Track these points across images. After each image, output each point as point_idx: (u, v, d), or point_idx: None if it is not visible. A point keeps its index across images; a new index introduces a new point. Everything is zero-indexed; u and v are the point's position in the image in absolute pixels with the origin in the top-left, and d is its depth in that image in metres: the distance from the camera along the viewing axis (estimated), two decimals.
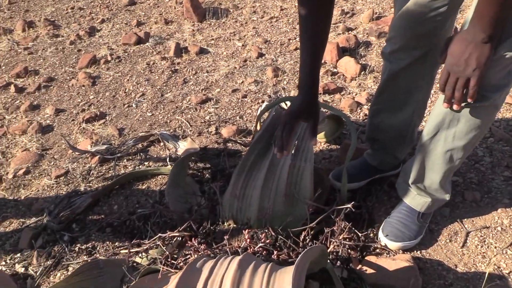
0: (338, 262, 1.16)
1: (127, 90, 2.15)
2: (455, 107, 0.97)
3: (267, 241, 1.08)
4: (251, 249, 1.08)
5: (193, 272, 0.94)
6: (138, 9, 3.13)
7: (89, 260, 1.26)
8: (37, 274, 1.25)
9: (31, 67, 2.46)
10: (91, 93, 2.15)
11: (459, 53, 0.90)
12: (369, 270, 1.11)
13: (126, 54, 2.51)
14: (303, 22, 1.06)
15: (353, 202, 1.18)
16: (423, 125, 1.29)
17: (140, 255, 1.23)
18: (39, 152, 1.76)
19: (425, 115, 1.39)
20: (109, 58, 2.45)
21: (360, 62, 2.12)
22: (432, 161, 1.14)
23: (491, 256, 1.18)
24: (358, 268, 1.14)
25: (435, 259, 1.19)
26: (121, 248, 1.31)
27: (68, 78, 2.32)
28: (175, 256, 1.21)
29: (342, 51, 2.22)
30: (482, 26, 0.85)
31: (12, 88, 2.22)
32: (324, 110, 1.47)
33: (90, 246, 1.32)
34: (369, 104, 1.73)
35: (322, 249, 0.90)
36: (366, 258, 1.15)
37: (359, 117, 1.80)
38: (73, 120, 1.97)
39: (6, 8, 3.35)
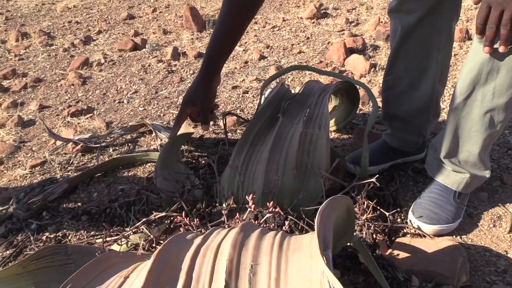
0: None
1: (119, 88, 1.99)
2: (501, 49, 0.81)
3: (276, 209, 0.87)
4: (257, 222, 0.87)
5: (181, 243, 0.72)
6: (136, 22, 3.05)
7: None
8: None
9: (20, 70, 2.32)
10: (80, 91, 2.00)
11: None
12: (402, 255, 0.90)
13: (121, 58, 2.39)
14: (222, 17, 1.05)
15: (377, 176, 0.98)
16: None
17: (119, 241, 1.01)
18: (15, 144, 1.57)
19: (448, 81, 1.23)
20: (102, 61, 2.32)
21: (369, 61, 1.98)
22: (468, 128, 0.96)
23: None
24: (387, 253, 0.92)
25: (479, 245, 0.97)
26: (97, 237, 1.09)
27: (57, 79, 2.18)
28: (161, 241, 0.99)
29: (350, 52, 2.09)
30: None
31: None
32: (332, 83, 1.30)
33: (60, 235, 1.10)
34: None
35: (349, 205, 0.69)
36: (397, 240, 0.94)
37: (371, 109, 1.63)
38: (57, 115, 1.79)
39: (2, 23, 3.28)
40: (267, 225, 0.89)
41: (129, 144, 1.51)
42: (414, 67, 1.11)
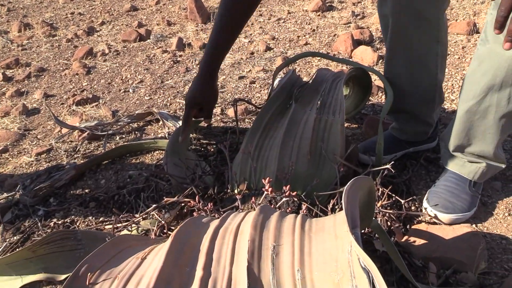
0: (376, 234, 0.93)
1: (124, 78, 1.97)
2: None
3: (293, 193, 0.86)
4: (272, 207, 0.86)
5: (198, 225, 0.71)
6: (140, 14, 3.03)
7: None
8: None
9: (23, 60, 2.29)
10: (85, 81, 1.97)
11: None
12: (419, 241, 0.88)
13: (125, 49, 2.36)
14: (222, 12, 1.04)
15: (392, 162, 0.97)
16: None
17: (129, 227, 1.00)
18: (20, 132, 1.55)
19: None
20: (106, 51, 2.29)
21: (377, 53, 1.97)
22: (482, 131, 0.94)
23: None
24: (403, 240, 0.91)
25: (495, 233, 0.96)
26: (106, 223, 1.07)
27: (61, 68, 2.15)
28: (173, 228, 0.98)
29: (357, 43, 2.07)
30: None
31: (0, 76, 2.04)
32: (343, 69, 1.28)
33: (68, 221, 1.08)
34: None
35: (371, 186, 0.68)
36: (413, 227, 0.92)
37: (380, 100, 1.62)
38: (62, 103, 1.77)
39: (4, 14, 3.24)
40: (282, 210, 0.87)
41: (136, 132, 1.49)
42: (414, 63, 1.09)
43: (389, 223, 0.96)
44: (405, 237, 0.91)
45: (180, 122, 1.48)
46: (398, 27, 1.03)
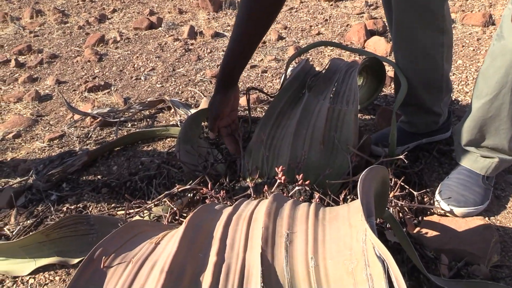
0: (388, 224, 0.92)
1: (135, 65, 1.97)
2: None
3: (306, 182, 0.85)
4: (286, 195, 0.86)
5: (211, 211, 0.71)
6: (151, 2, 3.02)
7: None
8: (13, 234, 1.02)
9: (35, 46, 2.30)
10: (97, 68, 1.98)
11: None
12: (431, 233, 0.88)
13: (137, 36, 2.36)
14: (241, 23, 0.94)
15: (406, 153, 0.96)
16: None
17: (141, 213, 1.00)
18: (33, 118, 1.56)
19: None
20: (118, 39, 2.29)
21: (390, 43, 1.94)
22: (495, 127, 0.93)
23: None
24: (415, 232, 0.90)
25: (508, 227, 0.95)
26: (119, 209, 1.08)
27: (73, 55, 2.16)
28: (184, 214, 0.98)
29: (370, 34, 2.04)
30: None
31: (12, 62, 2.05)
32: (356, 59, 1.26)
33: (81, 206, 1.09)
34: None
35: (385, 176, 0.67)
36: (426, 218, 0.92)
37: (393, 91, 1.60)
38: (74, 90, 1.78)
39: (16, 1, 3.26)
40: (295, 198, 0.87)
41: (148, 119, 1.50)
42: (419, 55, 1.06)
43: (401, 214, 0.95)
44: (417, 229, 0.90)
45: (192, 110, 1.49)
46: (402, 19, 1.01)
